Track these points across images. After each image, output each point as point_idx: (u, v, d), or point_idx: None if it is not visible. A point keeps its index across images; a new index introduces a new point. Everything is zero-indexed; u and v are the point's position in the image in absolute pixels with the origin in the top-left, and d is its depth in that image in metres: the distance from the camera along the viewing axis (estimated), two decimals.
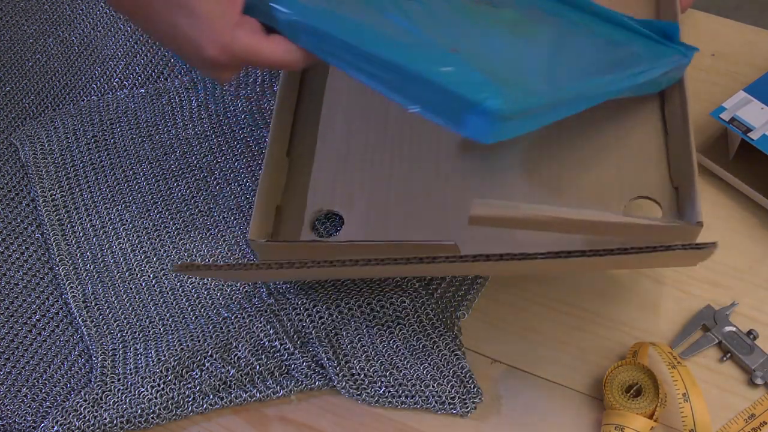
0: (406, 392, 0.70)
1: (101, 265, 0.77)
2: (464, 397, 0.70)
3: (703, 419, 0.65)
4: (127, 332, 0.74)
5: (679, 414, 0.66)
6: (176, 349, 0.71)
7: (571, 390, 0.71)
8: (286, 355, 0.71)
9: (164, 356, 0.71)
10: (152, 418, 0.69)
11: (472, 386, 0.70)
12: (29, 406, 0.71)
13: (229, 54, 0.62)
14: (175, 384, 0.70)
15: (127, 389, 0.70)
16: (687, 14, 0.91)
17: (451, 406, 0.70)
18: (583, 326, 0.74)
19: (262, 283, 0.75)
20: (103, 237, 0.79)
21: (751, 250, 0.77)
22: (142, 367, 0.71)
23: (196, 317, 0.74)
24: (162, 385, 0.70)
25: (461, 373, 0.71)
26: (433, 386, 0.70)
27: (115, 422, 0.69)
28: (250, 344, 0.71)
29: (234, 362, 0.71)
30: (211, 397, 0.71)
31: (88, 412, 0.68)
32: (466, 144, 0.74)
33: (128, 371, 0.71)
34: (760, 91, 0.78)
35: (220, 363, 0.71)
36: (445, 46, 0.64)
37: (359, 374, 0.71)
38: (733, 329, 0.72)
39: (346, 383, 0.71)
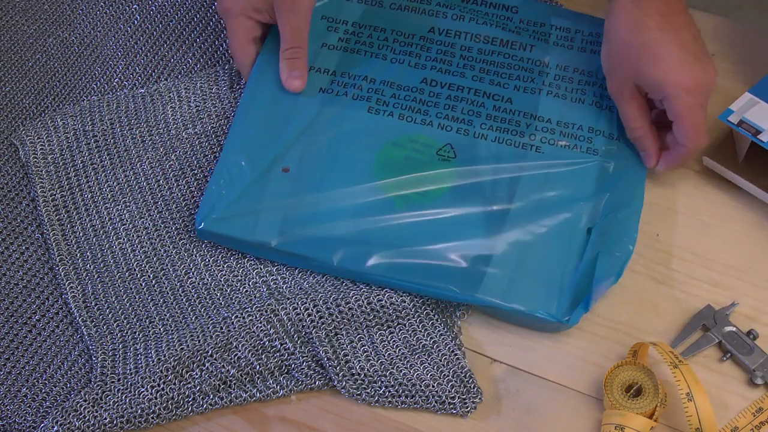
0: (406, 392, 0.70)
1: (101, 265, 0.77)
2: (464, 397, 0.70)
3: (708, 417, 0.65)
4: (127, 332, 0.74)
5: (683, 413, 0.66)
6: (176, 349, 0.71)
7: (571, 390, 0.71)
8: (286, 354, 0.71)
9: (164, 356, 0.71)
10: (152, 418, 0.69)
11: (472, 386, 0.70)
12: (29, 406, 0.71)
13: None
14: (175, 384, 0.70)
15: (127, 389, 0.70)
16: None
17: (451, 406, 0.70)
18: (583, 326, 0.74)
19: (262, 283, 0.76)
20: (103, 237, 0.79)
21: (751, 250, 0.77)
22: (142, 367, 0.71)
23: (196, 317, 0.74)
24: (162, 385, 0.70)
25: (461, 373, 0.71)
26: (433, 386, 0.70)
27: (115, 422, 0.69)
28: (250, 344, 0.71)
29: (234, 362, 0.71)
30: (211, 396, 0.71)
31: (88, 412, 0.68)
32: None
33: (128, 371, 0.71)
34: (766, 92, 0.78)
35: (220, 363, 0.71)
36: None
37: (359, 374, 0.71)
38: (733, 329, 0.72)
39: (346, 383, 0.71)
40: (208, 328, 0.72)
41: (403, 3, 0.85)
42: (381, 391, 0.71)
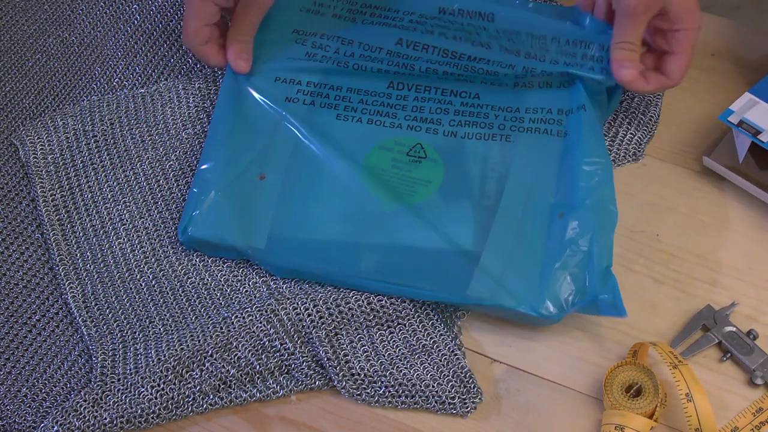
0: (406, 392, 0.70)
1: (101, 265, 0.77)
2: (464, 397, 0.70)
3: (708, 417, 0.65)
4: (127, 332, 0.74)
5: (683, 414, 0.66)
6: (176, 349, 0.71)
7: (571, 390, 0.71)
8: (286, 354, 0.71)
9: (164, 356, 0.71)
10: (152, 418, 0.69)
11: (472, 386, 0.70)
12: (29, 406, 0.71)
13: None
14: (175, 384, 0.70)
15: (127, 389, 0.70)
16: None
17: (451, 406, 0.70)
18: (583, 326, 0.74)
19: (262, 283, 0.76)
20: (103, 237, 0.79)
21: (751, 250, 0.77)
22: (142, 367, 0.71)
23: (196, 317, 0.74)
24: (162, 385, 0.70)
25: (461, 373, 0.71)
26: (433, 386, 0.70)
27: (115, 422, 0.69)
28: (250, 344, 0.71)
29: (234, 362, 0.71)
30: (211, 396, 0.71)
31: (88, 412, 0.68)
32: None
33: (128, 371, 0.71)
34: (766, 92, 0.78)
35: (220, 363, 0.71)
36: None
37: (359, 374, 0.71)
38: (733, 329, 0.72)
39: (346, 383, 0.71)
40: (208, 328, 0.72)
41: (374, 19, 0.85)
42: (381, 391, 0.71)
